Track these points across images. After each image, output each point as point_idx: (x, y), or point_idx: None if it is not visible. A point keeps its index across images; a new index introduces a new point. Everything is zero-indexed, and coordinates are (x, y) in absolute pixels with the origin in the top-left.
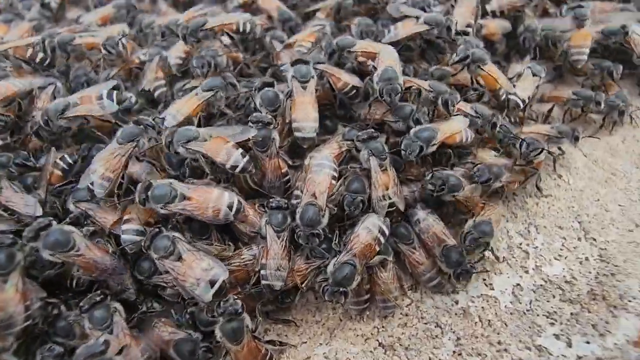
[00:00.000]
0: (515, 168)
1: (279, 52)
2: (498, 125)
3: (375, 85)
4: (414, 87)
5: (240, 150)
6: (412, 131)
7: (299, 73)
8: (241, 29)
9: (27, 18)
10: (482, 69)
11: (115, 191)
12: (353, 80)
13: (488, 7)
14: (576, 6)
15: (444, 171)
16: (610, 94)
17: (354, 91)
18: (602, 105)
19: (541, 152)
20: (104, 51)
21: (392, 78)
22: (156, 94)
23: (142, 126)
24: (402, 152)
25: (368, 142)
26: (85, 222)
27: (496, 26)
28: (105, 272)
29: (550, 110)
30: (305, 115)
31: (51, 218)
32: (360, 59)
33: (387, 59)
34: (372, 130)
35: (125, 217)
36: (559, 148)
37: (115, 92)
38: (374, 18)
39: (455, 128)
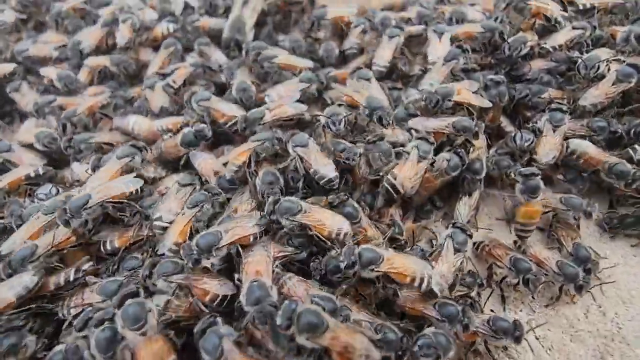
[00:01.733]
0: None
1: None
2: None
3: (245, 308)
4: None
5: None
6: None
7: (128, 319)
8: None
9: None
10: (377, 271)
11: None
12: (223, 289)
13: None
14: (529, 174)
15: None
16: (568, 247)
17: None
18: (555, 274)
19: None
20: None
21: (262, 298)
22: None
23: None
24: None
25: None
26: None
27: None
28: None
29: (490, 268)
30: None
31: None
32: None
33: (254, 264)
34: None
35: None
36: (503, 347)
37: None
38: None
39: None
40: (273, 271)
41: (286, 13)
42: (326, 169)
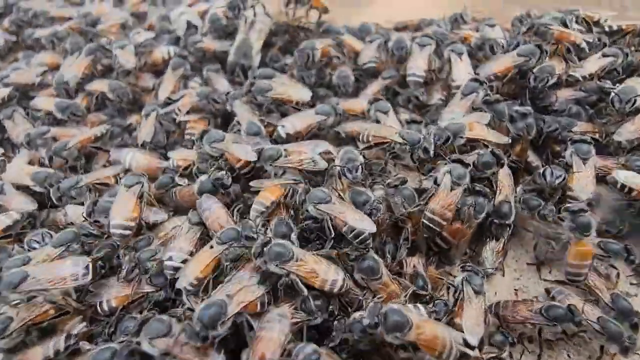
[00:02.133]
0: None
1: None
2: None
3: None
4: None
5: None
6: None
7: None
8: None
9: None
10: (403, 339)
11: None
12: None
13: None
14: (577, 211)
15: None
16: (604, 298)
17: None
18: (597, 333)
19: None
20: None
21: None
22: None
23: None
24: None
25: None
26: None
27: None
28: None
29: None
30: None
31: None
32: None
33: (263, 344)
34: None
35: None
36: None
37: None
38: None
39: None
40: (285, 349)
41: (294, 35)
42: (364, 224)
